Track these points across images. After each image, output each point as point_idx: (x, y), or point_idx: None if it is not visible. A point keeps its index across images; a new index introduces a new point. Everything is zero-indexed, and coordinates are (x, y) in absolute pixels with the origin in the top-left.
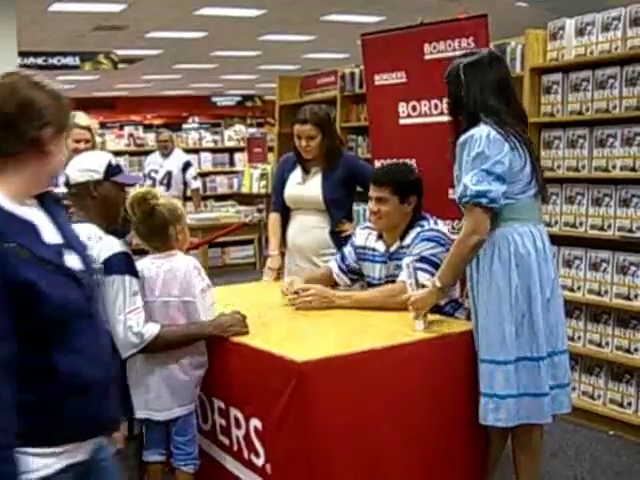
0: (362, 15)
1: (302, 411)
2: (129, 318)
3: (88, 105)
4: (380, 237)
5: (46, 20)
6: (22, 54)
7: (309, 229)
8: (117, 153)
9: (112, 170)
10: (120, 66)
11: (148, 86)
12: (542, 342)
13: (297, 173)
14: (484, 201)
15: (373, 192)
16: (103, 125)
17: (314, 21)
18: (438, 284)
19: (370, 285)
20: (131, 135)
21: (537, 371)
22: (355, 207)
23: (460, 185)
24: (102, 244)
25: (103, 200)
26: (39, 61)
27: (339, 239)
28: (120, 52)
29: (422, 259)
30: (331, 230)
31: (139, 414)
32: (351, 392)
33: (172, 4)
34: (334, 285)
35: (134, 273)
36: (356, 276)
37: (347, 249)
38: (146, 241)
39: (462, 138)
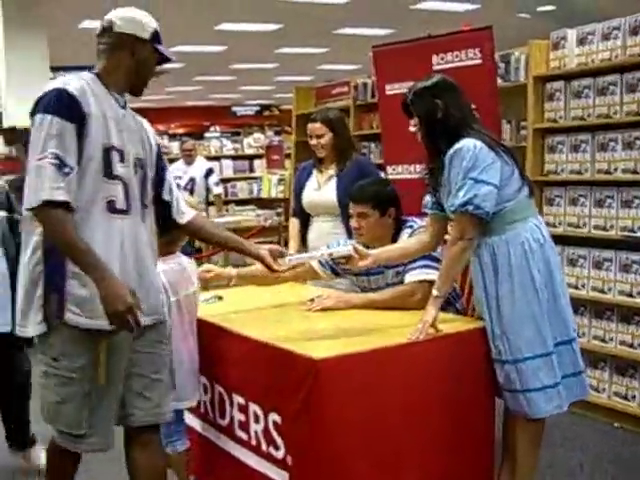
0: (373, 28)
1: (319, 407)
2: (34, 164)
3: None
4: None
5: (76, 36)
6: (54, 69)
7: (325, 235)
8: None
9: (158, 37)
10: None
11: (172, 97)
12: (569, 322)
13: (314, 180)
14: (470, 208)
15: (354, 209)
16: None
17: (328, 34)
18: (435, 293)
19: None
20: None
21: (572, 351)
22: None
23: (450, 197)
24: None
25: (138, 63)
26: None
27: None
28: None
29: (423, 257)
30: (348, 237)
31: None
32: (367, 389)
33: (194, 20)
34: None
35: (64, 115)
36: (338, 274)
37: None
38: (178, 242)
39: (450, 152)
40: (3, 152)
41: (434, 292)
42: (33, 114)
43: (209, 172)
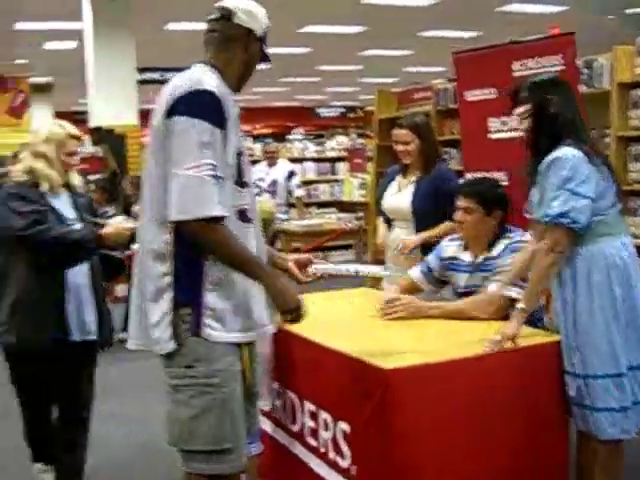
0: (457, 31)
1: (388, 418)
2: (189, 175)
3: None
4: (466, 248)
5: (162, 38)
6: (140, 70)
7: (400, 240)
8: None
9: (266, 36)
10: None
11: (257, 98)
12: None
13: (395, 184)
14: (566, 221)
15: (460, 202)
16: None
17: (412, 36)
18: (522, 306)
19: (457, 294)
20: None
21: None
22: None
23: (544, 205)
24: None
25: (250, 59)
26: (156, 76)
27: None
28: None
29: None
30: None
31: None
32: (438, 401)
33: (279, 22)
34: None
35: (213, 120)
36: (441, 284)
37: (432, 260)
38: None
39: (547, 159)
40: (90, 152)
41: (520, 305)
42: (171, 115)
43: (291, 174)
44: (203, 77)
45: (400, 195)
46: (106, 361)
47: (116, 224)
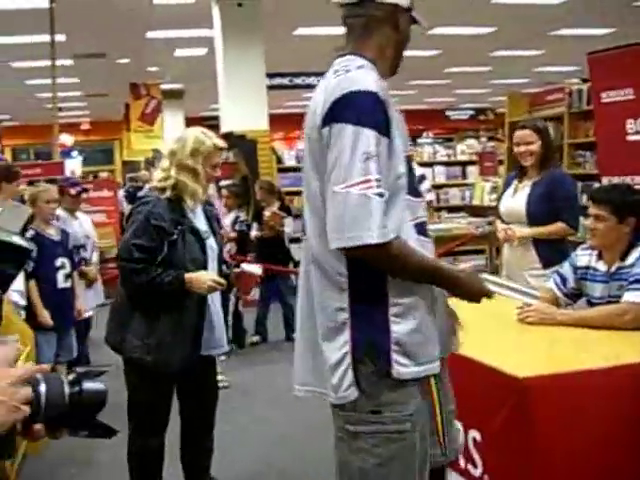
0: (591, 28)
1: (522, 427)
2: (353, 193)
3: None
4: (600, 257)
5: (291, 43)
6: (269, 75)
7: (515, 244)
8: None
9: (412, 4)
10: None
11: None
12: None
13: (512, 187)
14: None
15: (591, 209)
16: None
17: (543, 36)
18: None
19: (591, 304)
20: None
21: None
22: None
23: None
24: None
25: (403, 37)
26: (285, 81)
27: (545, 256)
28: None
29: None
30: (534, 244)
31: None
32: (574, 411)
33: None
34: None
35: (380, 128)
36: (577, 297)
37: (566, 271)
38: None
39: None
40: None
41: None
42: (327, 122)
43: (421, 178)
44: (360, 74)
45: (515, 199)
46: (241, 365)
47: (201, 275)
